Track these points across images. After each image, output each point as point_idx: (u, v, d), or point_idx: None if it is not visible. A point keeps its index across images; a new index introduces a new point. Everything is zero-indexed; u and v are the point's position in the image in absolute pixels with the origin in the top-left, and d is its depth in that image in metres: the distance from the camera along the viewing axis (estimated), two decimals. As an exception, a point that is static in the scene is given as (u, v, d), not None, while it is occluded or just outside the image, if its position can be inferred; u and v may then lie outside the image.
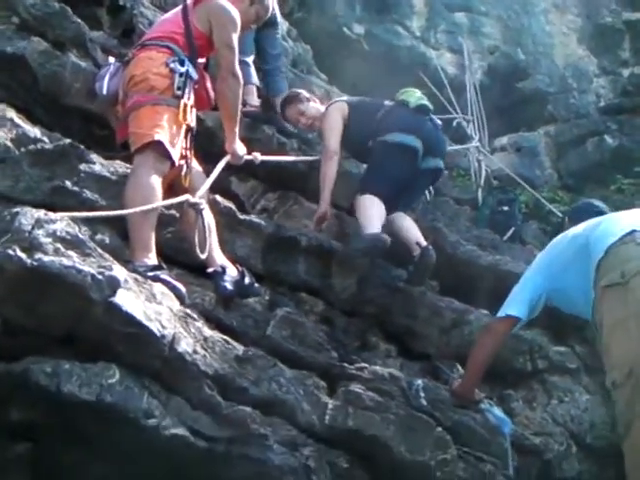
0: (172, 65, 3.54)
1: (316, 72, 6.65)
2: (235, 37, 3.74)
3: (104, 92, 3.72)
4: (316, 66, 6.87)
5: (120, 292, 2.72)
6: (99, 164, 3.91)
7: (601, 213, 3.88)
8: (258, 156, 4.50)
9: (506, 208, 6.31)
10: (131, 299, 2.76)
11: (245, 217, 4.25)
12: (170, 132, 3.44)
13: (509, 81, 8.50)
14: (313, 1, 7.14)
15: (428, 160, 4.79)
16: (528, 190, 6.77)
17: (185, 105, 3.51)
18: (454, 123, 7.43)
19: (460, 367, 4.39)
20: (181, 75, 3.52)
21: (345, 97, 5.51)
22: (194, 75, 3.61)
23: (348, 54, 7.07)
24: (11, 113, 3.78)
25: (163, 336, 2.80)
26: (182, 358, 2.85)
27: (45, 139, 3.82)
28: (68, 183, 3.72)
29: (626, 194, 6.88)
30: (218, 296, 3.60)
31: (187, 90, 3.53)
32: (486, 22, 8.71)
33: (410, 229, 4.63)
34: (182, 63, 3.57)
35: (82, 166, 3.83)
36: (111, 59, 3.89)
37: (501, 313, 3.74)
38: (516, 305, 3.70)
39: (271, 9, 4.25)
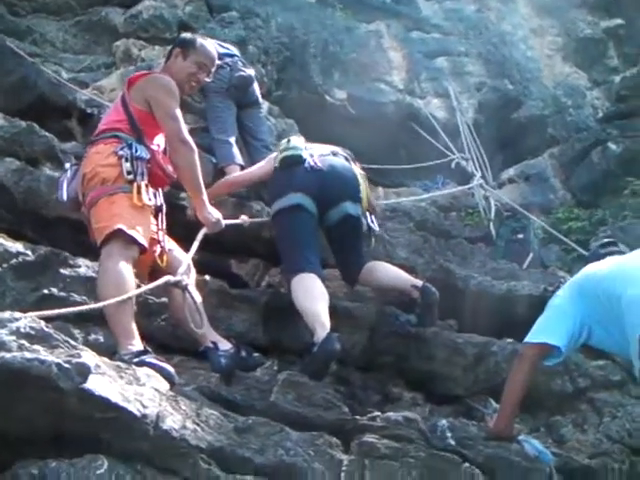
0: (120, 152, 3.50)
1: (304, 144, 6.62)
2: (174, 104, 3.70)
3: (64, 199, 3.69)
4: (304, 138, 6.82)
5: (92, 378, 2.62)
6: (84, 266, 3.93)
7: (620, 252, 3.74)
8: (246, 219, 4.44)
9: (521, 236, 6.19)
10: (105, 383, 2.65)
11: (237, 291, 4.18)
12: (129, 217, 3.39)
13: (503, 113, 8.42)
14: (290, 76, 7.15)
15: (335, 211, 4.22)
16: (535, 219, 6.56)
17: (138, 187, 3.45)
18: (452, 165, 7.37)
19: (493, 401, 4.18)
20: (127, 160, 3.48)
21: None
22: (144, 155, 3.55)
23: (334, 121, 7.00)
24: (-8, 235, 3.83)
25: (145, 415, 2.66)
26: (169, 435, 2.70)
27: (28, 252, 3.85)
28: (54, 290, 3.73)
29: (641, 195, 6.67)
30: (214, 372, 3.51)
31: (139, 171, 3.48)
32: (467, 61, 8.67)
33: (396, 276, 4.30)
34: (130, 147, 3.53)
35: (67, 271, 3.86)
36: (67, 165, 3.89)
37: (533, 339, 3.53)
38: (554, 333, 3.48)
39: (215, 54, 4.08)
